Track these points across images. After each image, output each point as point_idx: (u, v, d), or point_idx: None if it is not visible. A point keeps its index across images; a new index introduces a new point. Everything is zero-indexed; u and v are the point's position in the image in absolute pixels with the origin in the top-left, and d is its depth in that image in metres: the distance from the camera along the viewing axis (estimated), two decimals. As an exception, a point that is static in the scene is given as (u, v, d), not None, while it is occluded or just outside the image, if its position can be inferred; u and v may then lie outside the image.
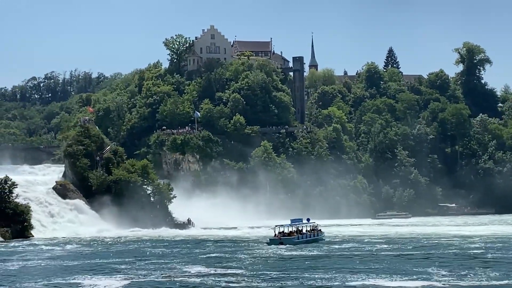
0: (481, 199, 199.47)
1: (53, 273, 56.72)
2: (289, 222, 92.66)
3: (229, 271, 56.39)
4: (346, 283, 48.45)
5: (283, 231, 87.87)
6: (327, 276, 52.08)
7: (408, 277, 50.79)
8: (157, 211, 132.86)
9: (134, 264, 62.96)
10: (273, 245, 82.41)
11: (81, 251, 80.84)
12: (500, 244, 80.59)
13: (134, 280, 51.84)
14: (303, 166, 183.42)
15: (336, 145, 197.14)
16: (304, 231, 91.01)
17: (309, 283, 48.98)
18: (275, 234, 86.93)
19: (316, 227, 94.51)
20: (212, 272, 56.14)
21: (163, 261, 65.80)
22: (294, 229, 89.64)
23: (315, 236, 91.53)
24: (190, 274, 55.08)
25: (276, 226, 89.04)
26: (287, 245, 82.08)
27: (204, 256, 70.94)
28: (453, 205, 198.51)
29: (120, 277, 53.87)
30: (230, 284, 49.04)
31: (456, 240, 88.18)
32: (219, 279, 51.77)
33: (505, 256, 65.91)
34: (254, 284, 49.02)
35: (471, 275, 51.38)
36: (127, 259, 67.91)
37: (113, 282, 50.88)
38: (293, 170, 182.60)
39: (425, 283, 47.79)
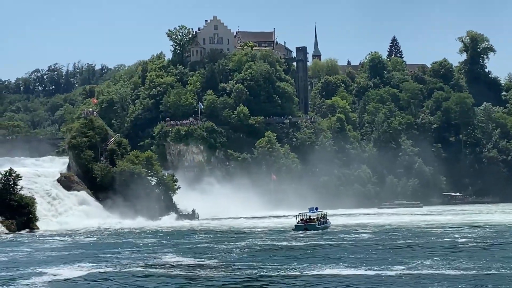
0: (485, 188, 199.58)
1: (32, 263, 57.36)
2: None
3: (210, 261, 56.66)
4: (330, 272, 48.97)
5: (303, 219, 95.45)
6: (310, 265, 52.49)
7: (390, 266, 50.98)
8: (162, 202, 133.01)
9: (120, 255, 63.38)
10: (298, 231, 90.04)
11: (77, 242, 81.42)
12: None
13: (101, 270, 52.38)
14: (307, 156, 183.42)
15: (340, 135, 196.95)
16: (319, 218, 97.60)
17: (290, 273, 49.39)
18: (298, 221, 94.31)
19: (325, 215, 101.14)
20: (190, 262, 56.45)
21: (151, 251, 66.23)
22: (313, 216, 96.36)
23: (326, 223, 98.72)
24: (166, 264, 55.47)
25: (299, 214, 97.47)
26: (311, 231, 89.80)
27: (194, 246, 71.18)
28: (458, 194, 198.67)
29: (92, 266, 54.35)
30: (202, 274, 49.46)
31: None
32: (193, 269, 52.14)
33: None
34: (229, 273, 49.44)
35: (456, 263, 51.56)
36: (116, 250, 68.39)
37: (78, 272, 51.37)
38: (297, 160, 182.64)
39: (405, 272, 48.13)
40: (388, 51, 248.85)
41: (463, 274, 46.49)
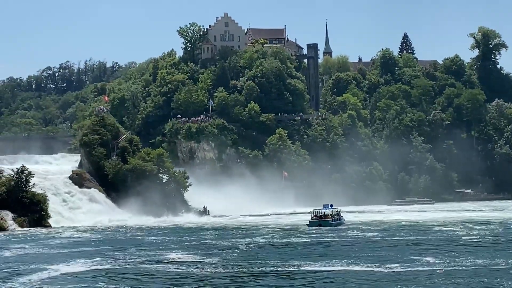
0: (497, 184, 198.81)
1: (38, 260, 58.40)
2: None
3: (211, 258, 56.85)
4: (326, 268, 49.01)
5: (317, 215, 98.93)
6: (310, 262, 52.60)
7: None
8: (173, 200, 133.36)
9: (126, 251, 63.91)
10: (312, 227, 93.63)
11: (87, 238, 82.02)
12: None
13: (103, 266, 53.17)
14: (318, 153, 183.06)
15: (351, 132, 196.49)
16: (333, 215, 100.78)
17: (282, 268, 49.63)
18: (312, 217, 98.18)
19: (339, 212, 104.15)
20: (192, 259, 56.82)
21: (156, 248, 66.70)
22: (328, 213, 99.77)
23: (340, 220, 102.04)
24: (169, 261, 55.83)
25: (313, 210, 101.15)
26: (325, 227, 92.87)
27: (199, 244, 71.41)
28: (469, 190, 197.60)
29: (95, 263, 55.26)
30: (201, 271, 49.71)
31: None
32: (193, 266, 52.53)
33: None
34: (227, 270, 50.00)
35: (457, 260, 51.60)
36: (123, 246, 69.05)
37: (77, 268, 52.37)
38: (308, 157, 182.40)
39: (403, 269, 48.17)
40: (399, 47, 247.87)
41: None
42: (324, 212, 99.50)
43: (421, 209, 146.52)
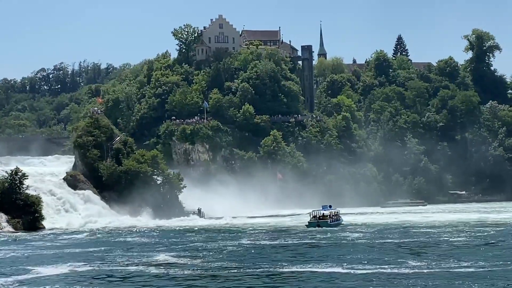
0: (491, 186, 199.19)
1: (23, 262, 58.27)
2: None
3: (194, 260, 56.93)
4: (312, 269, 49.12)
5: (316, 216, 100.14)
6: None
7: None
8: (167, 201, 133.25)
9: (112, 253, 64.13)
10: (311, 227, 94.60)
11: (78, 240, 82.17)
12: None
13: (83, 269, 53.09)
14: (312, 155, 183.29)
15: (345, 134, 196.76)
16: (332, 216, 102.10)
17: (265, 270, 49.77)
18: (311, 218, 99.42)
19: (337, 213, 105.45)
20: (177, 261, 56.94)
21: (142, 250, 66.80)
22: (326, 214, 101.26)
23: (338, 221, 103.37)
24: (153, 263, 55.87)
25: (312, 211, 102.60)
26: (323, 227, 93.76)
27: (188, 246, 71.36)
28: (464, 192, 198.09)
29: (76, 265, 55.12)
30: (184, 273, 49.84)
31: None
32: (176, 267, 52.62)
33: None
34: (211, 272, 50.04)
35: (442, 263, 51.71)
36: (110, 248, 69.06)
37: (60, 270, 52.33)
38: (303, 159, 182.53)
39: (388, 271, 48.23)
40: (393, 49, 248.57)
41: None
42: (323, 213, 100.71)
43: (413, 211, 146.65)
